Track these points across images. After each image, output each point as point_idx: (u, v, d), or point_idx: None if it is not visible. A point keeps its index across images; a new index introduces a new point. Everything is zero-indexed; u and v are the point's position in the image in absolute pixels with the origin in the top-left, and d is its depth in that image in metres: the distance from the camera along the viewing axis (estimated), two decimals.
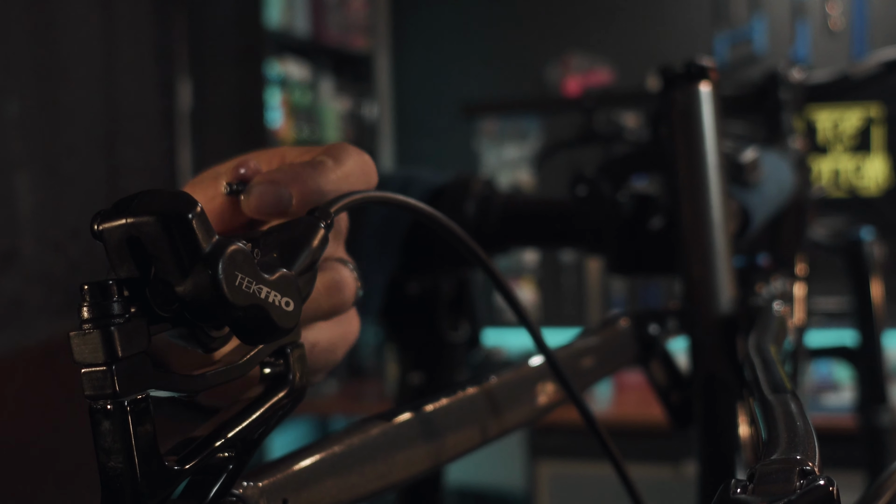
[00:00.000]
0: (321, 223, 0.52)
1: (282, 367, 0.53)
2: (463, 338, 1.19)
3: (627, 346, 0.94)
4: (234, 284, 0.43)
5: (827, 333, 2.25)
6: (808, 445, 0.49)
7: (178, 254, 0.43)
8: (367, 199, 0.57)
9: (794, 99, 1.53)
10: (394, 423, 0.61)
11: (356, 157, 0.63)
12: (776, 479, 0.45)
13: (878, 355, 1.96)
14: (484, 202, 1.12)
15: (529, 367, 0.76)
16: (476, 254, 0.65)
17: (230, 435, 0.48)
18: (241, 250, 0.44)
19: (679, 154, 0.96)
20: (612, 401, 4.45)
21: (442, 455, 0.64)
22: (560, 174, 1.87)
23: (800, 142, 1.51)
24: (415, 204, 0.61)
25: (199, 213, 0.43)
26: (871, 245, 1.97)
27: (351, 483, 0.56)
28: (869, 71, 1.68)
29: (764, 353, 0.73)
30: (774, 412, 0.56)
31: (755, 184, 1.09)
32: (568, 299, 5.15)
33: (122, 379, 0.41)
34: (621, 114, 1.73)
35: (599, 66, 5.06)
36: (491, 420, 0.69)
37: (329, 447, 0.56)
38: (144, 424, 0.42)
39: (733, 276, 0.97)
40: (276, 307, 0.46)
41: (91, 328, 0.40)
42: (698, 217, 0.95)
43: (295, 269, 0.49)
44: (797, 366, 1.37)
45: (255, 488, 0.50)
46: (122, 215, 0.43)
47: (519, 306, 0.68)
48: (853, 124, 4.46)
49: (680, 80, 0.97)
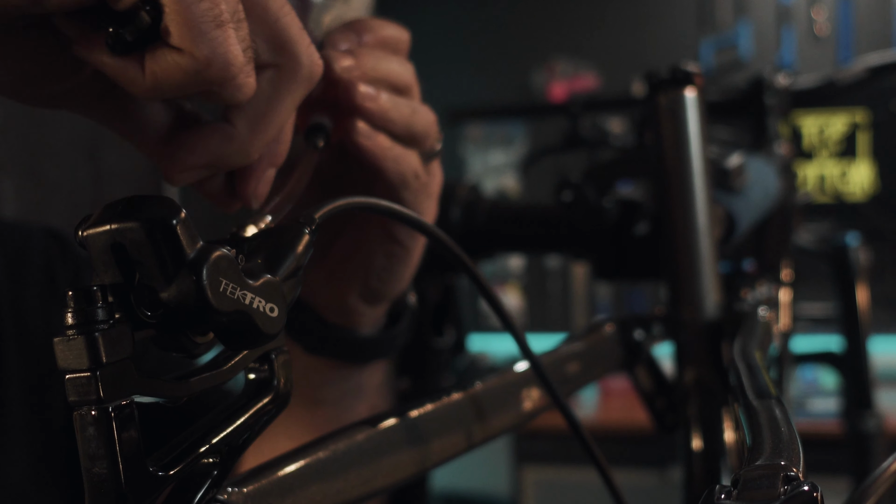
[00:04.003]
0: (306, 229, 0.52)
1: (266, 373, 0.53)
2: (448, 343, 1.19)
3: (613, 352, 0.94)
4: (219, 290, 0.43)
5: (812, 339, 2.26)
6: (792, 451, 0.49)
7: (163, 260, 0.42)
8: (353, 205, 0.57)
9: (779, 104, 1.53)
10: (379, 429, 0.61)
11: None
12: (760, 484, 0.45)
13: (864, 361, 1.97)
14: (469, 208, 1.12)
15: (514, 372, 0.76)
16: (461, 259, 0.65)
17: (215, 441, 0.48)
18: (226, 256, 0.44)
19: (664, 159, 0.96)
20: (598, 406, 4.45)
21: (427, 460, 0.64)
22: (546, 180, 1.87)
23: (785, 147, 1.51)
24: (400, 210, 0.61)
25: (183, 219, 0.43)
26: (857, 251, 1.97)
27: (336, 488, 0.56)
28: (854, 76, 1.69)
29: (749, 358, 0.73)
30: (759, 418, 0.56)
31: (740, 189, 1.09)
32: (553, 305, 5.15)
33: (107, 385, 0.40)
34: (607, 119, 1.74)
35: (585, 71, 5.06)
36: (476, 425, 0.69)
37: (314, 452, 0.56)
38: (129, 430, 0.42)
39: (718, 281, 0.97)
40: (260, 313, 0.46)
41: (75, 334, 0.40)
42: (683, 222, 0.95)
43: (280, 275, 0.49)
44: (782, 371, 1.38)
45: (239, 494, 0.49)
46: (106, 221, 0.43)
47: (504, 312, 0.68)
48: (839, 130, 4.47)
49: (665, 86, 0.97)
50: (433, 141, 0.76)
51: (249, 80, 0.53)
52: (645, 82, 0.99)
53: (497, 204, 1.14)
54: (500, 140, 5.23)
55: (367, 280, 0.83)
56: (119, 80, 0.50)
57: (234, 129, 0.58)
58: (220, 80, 0.50)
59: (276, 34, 0.57)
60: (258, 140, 0.59)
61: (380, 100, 0.70)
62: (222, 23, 0.49)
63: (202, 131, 0.58)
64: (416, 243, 0.82)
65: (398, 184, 0.74)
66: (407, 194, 0.75)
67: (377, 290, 0.84)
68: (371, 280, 0.83)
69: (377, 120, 0.71)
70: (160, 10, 0.48)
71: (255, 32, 0.55)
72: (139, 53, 0.49)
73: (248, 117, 0.58)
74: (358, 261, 0.82)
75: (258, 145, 0.59)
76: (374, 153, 0.71)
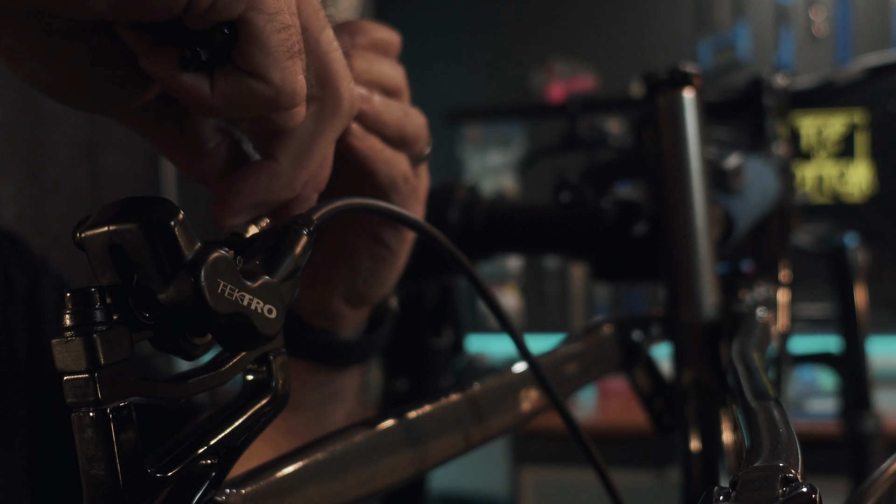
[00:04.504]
0: (304, 230, 0.52)
1: (264, 374, 0.53)
2: (446, 344, 1.19)
3: (611, 353, 0.94)
4: (217, 292, 0.43)
5: (811, 340, 2.26)
6: (790, 452, 0.49)
7: (161, 261, 0.42)
8: (351, 206, 0.57)
9: (777, 105, 1.53)
10: (377, 430, 0.61)
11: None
12: (759, 486, 0.45)
13: (862, 361, 1.97)
14: (468, 208, 1.12)
15: (513, 373, 0.76)
16: (459, 260, 0.65)
17: (213, 442, 0.48)
18: (224, 257, 0.44)
19: (663, 160, 0.96)
20: (596, 407, 4.45)
21: (425, 461, 0.64)
22: (544, 180, 1.87)
23: (783, 148, 1.51)
24: (398, 211, 0.62)
25: (181, 220, 0.43)
26: (855, 251, 1.97)
27: (334, 490, 0.56)
28: (853, 77, 1.69)
29: (747, 359, 0.73)
30: (757, 419, 0.56)
31: (739, 190, 1.09)
32: (551, 305, 5.15)
33: (105, 387, 0.40)
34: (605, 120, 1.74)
35: (583, 72, 5.06)
36: (474, 427, 0.69)
37: (312, 454, 0.56)
38: (127, 432, 0.41)
39: (717, 282, 0.97)
40: (258, 314, 0.46)
41: (73, 335, 0.40)
42: (682, 223, 0.95)
43: (278, 277, 0.49)
44: (781, 372, 1.38)
45: (238, 495, 0.49)
46: (104, 223, 0.43)
47: (502, 313, 0.68)
48: (837, 130, 4.46)
49: (664, 87, 0.97)
50: (423, 144, 0.76)
51: (302, 109, 0.55)
52: (643, 83, 0.99)
53: (495, 205, 1.14)
54: (498, 141, 5.22)
55: (352, 283, 0.82)
56: (186, 96, 0.50)
57: (280, 166, 0.59)
58: (284, 107, 0.52)
59: (323, 68, 0.58)
60: (303, 174, 0.60)
61: (372, 102, 0.71)
62: (294, 54, 0.51)
63: (249, 172, 0.59)
64: (401, 246, 0.82)
65: (388, 187, 0.74)
66: (396, 197, 0.75)
67: (361, 294, 0.83)
68: (356, 283, 0.82)
69: (370, 122, 0.71)
70: (236, 32, 0.49)
71: (306, 65, 0.55)
72: (207, 72, 0.50)
73: (293, 152, 0.59)
74: (342, 263, 0.82)
75: (303, 179, 0.60)
76: (366, 155, 0.71)
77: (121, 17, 0.46)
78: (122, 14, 0.45)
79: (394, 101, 0.73)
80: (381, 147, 0.72)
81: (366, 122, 0.71)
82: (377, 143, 0.72)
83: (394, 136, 0.73)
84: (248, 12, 0.48)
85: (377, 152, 0.72)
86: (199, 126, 0.60)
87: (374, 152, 0.72)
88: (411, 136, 0.74)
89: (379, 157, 0.72)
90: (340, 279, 0.82)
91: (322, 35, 0.57)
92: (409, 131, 0.74)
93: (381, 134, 0.72)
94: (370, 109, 0.70)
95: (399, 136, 0.73)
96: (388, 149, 0.73)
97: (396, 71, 0.74)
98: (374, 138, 0.72)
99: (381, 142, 0.72)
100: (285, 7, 0.50)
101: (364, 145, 0.71)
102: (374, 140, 0.71)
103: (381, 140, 0.72)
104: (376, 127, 0.71)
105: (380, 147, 0.72)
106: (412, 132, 0.74)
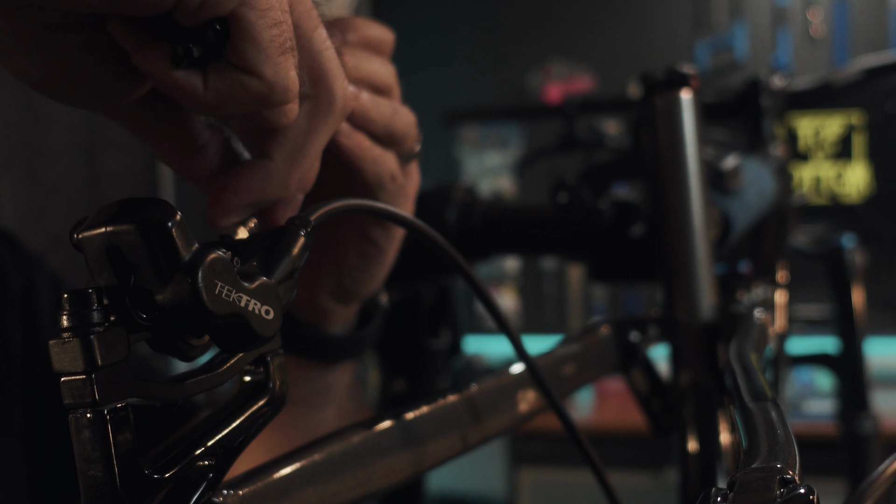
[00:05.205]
0: (301, 231, 0.52)
1: (262, 376, 0.53)
2: (444, 345, 1.19)
3: (608, 354, 0.94)
4: (214, 293, 0.43)
5: (808, 341, 2.26)
6: (788, 454, 0.49)
7: (158, 262, 0.42)
8: (348, 207, 0.57)
9: (775, 106, 1.53)
10: (375, 431, 0.61)
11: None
12: (756, 487, 0.45)
13: (860, 362, 1.97)
14: (465, 209, 1.12)
15: (510, 374, 0.76)
16: (457, 261, 0.65)
17: (210, 443, 0.48)
18: (221, 259, 0.44)
19: (660, 161, 0.96)
20: (594, 408, 4.45)
21: (423, 463, 0.64)
22: (541, 181, 1.87)
23: (781, 149, 1.51)
24: (395, 212, 0.62)
25: (178, 221, 0.43)
26: (853, 252, 1.97)
27: (332, 491, 0.56)
28: (850, 78, 1.69)
29: (745, 360, 0.73)
30: (755, 420, 0.56)
31: (736, 191, 1.09)
32: (549, 307, 5.15)
33: (102, 388, 0.40)
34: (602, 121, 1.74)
35: (580, 73, 5.06)
36: (472, 428, 0.69)
37: (310, 455, 0.56)
38: (124, 433, 0.41)
39: (714, 283, 0.97)
40: (256, 315, 0.46)
41: (70, 336, 0.40)
42: (679, 224, 0.95)
43: (275, 278, 0.49)
44: (778, 373, 1.38)
45: (235, 496, 0.49)
46: (101, 224, 0.43)
47: (499, 314, 0.68)
48: (834, 131, 4.46)
49: (661, 88, 0.97)
50: (412, 142, 0.76)
51: (295, 107, 0.55)
52: (641, 84, 0.98)
53: (493, 206, 1.14)
54: (495, 142, 5.22)
55: (340, 279, 0.82)
56: (179, 92, 0.50)
57: (274, 165, 0.59)
58: (276, 103, 0.52)
59: (316, 67, 0.58)
60: (296, 173, 0.60)
61: (361, 99, 0.71)
62: (286, 50, 0.51)
63: (243, 171, 0.59)
64: (390, 244, 0.82)
65: (375, 185, 0.74)
66: (383, 195, 0.75)
67: (350, 290, 0.84)
68: (344, 279, 0.83)
69: (357, 119, 0.71)
70: (228, 28, 0.49)
71: (299, 63, 0.55)
72: (199, 69, 0.50)
73: (287, 151, 0.59)
74: (331, 259, 0.82)
75: (296, 178, 0.60)
76: (354, 153, 0.71)
77: (112, 10, 0.46)
78: (113, 6, 0.45)
79: (383, 98, 0.73)
80: (368, 145, 0.72)
81: (353, 120, 0.71)
82: (364, 140, 0.72)
83: (382, 134, 0.73)
84: (240, 8, 0.48)
85: (364, 150, 0.72)
86: (191, 123, 0.60)
87: (361, 150, 0.72)
88: (400, 134, 0.74)
89: (366, 155, 0.72)
90: (328, 274, 0.83)
91: (315, 33, 0.57)
92: (397, 129, 0.74)
93: (369, 131, 0.72)
94: (358, 107, 0.71)
95: (387, 133, 0.73)
96: (376, 147, 0.73)
97: (387, 69, 0.74)
98: (361, 136, 0.72)
99: (368, 139, 0.72)
100: (277, 3, 0.50)
101: (351, 143, 0.71)
102: (361, 137, 0.72)
103: (369, 138, 0.72)
104: (364, 124, 0.71)
105: (367, 145, 0.72)
106: (401, 130, 0.74)
